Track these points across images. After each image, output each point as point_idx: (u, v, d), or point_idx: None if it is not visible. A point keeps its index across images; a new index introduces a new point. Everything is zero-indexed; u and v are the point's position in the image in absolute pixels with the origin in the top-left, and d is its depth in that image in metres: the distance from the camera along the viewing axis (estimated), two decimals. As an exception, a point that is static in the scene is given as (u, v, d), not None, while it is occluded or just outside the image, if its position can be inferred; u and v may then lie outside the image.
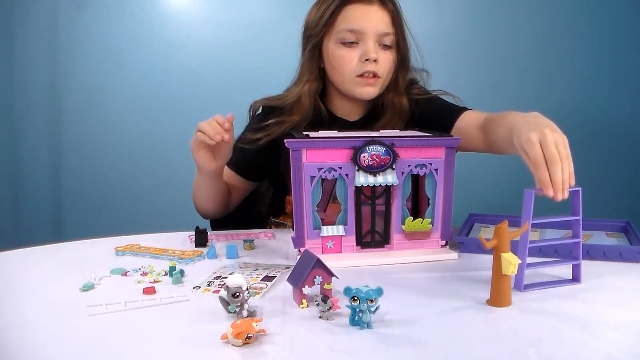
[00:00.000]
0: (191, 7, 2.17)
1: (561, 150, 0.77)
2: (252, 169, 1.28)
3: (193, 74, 2.17)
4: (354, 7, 1.14)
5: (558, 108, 2.06)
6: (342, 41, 1.15)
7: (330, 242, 0.98)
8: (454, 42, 2.08)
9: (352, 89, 1.17)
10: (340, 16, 1.15)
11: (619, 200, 2.04)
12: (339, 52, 1.15)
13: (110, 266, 0.93)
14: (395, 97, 1.20)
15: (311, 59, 1.21)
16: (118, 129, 2.22)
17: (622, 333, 0.67)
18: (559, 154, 0.77)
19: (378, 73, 1.15)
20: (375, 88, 1.17)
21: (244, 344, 0.64)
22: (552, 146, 0.77)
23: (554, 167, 0.76)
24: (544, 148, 0.78)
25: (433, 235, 1.01)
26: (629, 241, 1.04)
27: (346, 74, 1.16)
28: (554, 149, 0.77)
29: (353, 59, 1.14)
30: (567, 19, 2.04)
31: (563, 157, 0.77)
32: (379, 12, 1.14)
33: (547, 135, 0.78)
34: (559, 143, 0.78)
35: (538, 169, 0.77)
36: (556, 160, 0.76)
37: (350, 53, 1.14)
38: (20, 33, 2.17)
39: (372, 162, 0.94)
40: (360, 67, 1.14)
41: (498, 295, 0.76)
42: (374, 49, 1.13)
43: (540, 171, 0.77)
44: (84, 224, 2.24)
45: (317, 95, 1.22)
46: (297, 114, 1.20)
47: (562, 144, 0.78)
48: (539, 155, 0.78)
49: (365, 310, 0.68)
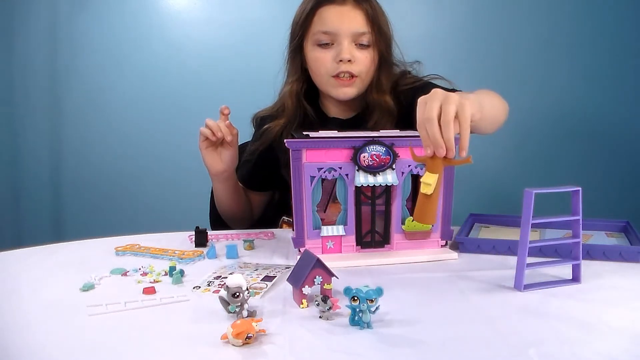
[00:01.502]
0: (191, 7, 2.17)
1: (446, 111, 0.75)
2: (255, 179, 1.32)
3: (193, 74, 2.17)
4: (327, 9, 1.15)
5: (558, 108, 2.07)
6: (318, 43, 1.16)
7: (330, 242, 0.98)
8: (454, 42, 2.08)
9: (329, 89, 1.18)
10: (315, 18, 1.16)
11: (619, 200, 2.04)
12: (315, 53, 1.17)
13: (110, 266, 0.93)
14: (379, 97, 1.20)
15: (293, 61, 1.23)
16: (118, 128, 2.22)
17: (622, 333, 0.67)
18: (443, 118, 0.74)
19: (354, 73, 1.15)
20: (353, 88, 1.17)
21: (244, 344, 0.64)
22: (434, 105, 0.75)
23: (430, 125, 0.75)
24: (426, 108, 0.76)
25: (433, 235, 1.01)
26: (629, 241, 1.04)
27: (322, 75, 1.17)
28: (434, 108, 0.75)
29: (328, 60, 1.15)
30: (567, 19, 2.04)
31: (443, 122, 0.74)
32: (352, 12, 1.14)
33: (434, 94, 0.76)
34: (447, 103, 0.75)
35: (418, 129, 0.77)
36: (431, 119, 0.75)
37: (325, 54, 1.15)
38: (20, 33, 2.17)
39: (372, 162, 0.94)
40: (335, 68, 1.14)
41: (419, 212, 0.80)
42: (348, 49, 1.13)
43: (419, 130, 0.77)
44: (84, 224, 2.24)
45: (302, 95, 1.23)
46: (283, 117, 1.22)
47: (449, 106, 0.75)
48: (419, 117, 0.77)
49: (365, 310, 0.68)
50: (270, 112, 1.28)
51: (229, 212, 1.30)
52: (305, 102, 1.23)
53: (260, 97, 1.31)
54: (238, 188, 1.28)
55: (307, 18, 1.16)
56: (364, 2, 1.15)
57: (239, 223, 1.32)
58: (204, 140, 1.14)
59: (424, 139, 0.77)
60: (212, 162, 1.16)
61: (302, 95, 1.23)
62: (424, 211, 0.80)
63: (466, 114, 0.76)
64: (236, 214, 1.30)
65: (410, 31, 2.00)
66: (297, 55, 1.21)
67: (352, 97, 1.18)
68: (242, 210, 1.31)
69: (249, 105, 1.31)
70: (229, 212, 1.30)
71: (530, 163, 2.08)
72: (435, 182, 0.77)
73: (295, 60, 1.22)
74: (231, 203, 1.27)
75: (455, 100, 0.76)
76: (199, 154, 1.16)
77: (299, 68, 1.22)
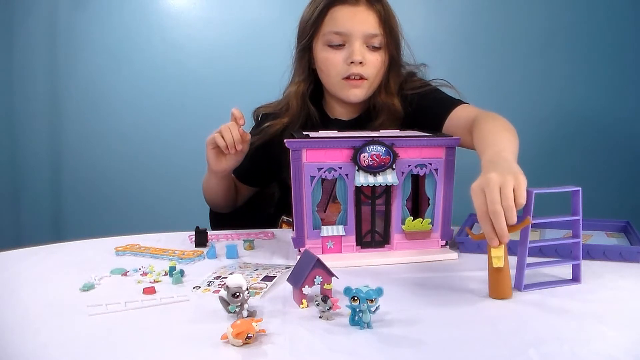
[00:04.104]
0: (191, 7, 2.17)
1: (507, 196, 0.73)
2: (249, 174, 1.31)
3: (193, 74, 2.17)
4: (340, 9, 1.13)
5: (558, 108, 2.07)
6: (329, 43, 1.14)
7: (330, 242, 0.98)
8: (454, 42, 2.08)
9: (338, 91, 1.17)
10: (327, 18, 1.14)
11: (619, 200, 2.04)
12: (325, 54, 1.15)
13: (110, 266, 0.93)
14: (387, 99, 1.19)
15: (301, 60, 1.21)
16: (118, 129, 2.22)
17: (622, 333, 0.67)
18: (504, 203, 0.73)
19: (365, 75, 1.14)
20: (363, 90, 1.16)
21: (244, 344, 0.64)
22: (495, 196, 0.73)
23: (496, 219, 0.74)
24: (487, 199, 0.74)
25: (433, 235, 1.01)
26: (629, 241, 1.04)
27: (332, 76, 1.16)
28: (496, 200, 0.73)
29: (339, 62, 1.14)
30: (567, 19, 2.04)
31: (506, 207, 0.73)
32: (365, 13, 1.12)
33: (490, 182, 0.74)
34: (505, 187, 0.73)
35: (481, 222, 0.76)
36: (497, 212, 0.73)
37: (336, 55, 1.14)
38: (20, 33, 2.17)
39: (372, 162, 0.94)
40: (346, 70, 1.13)
41: (494, 287, 0.79)
42: (359, 51, 1.12)
43: (482, 224, 0.76)
44: (84, 224, 2.24)
45: (307, 96, 1.22)
46: (286, 116, 1.21)
47: (507, 189, 0.73)
48: (480, 209, 0.75)
49: (365, 310, 0.68)
50: (274, 109, 1.27)
51: (214, 199, 1.29)
52: (309, 104, 1.22)
53: (260, 96, 1.31)
54: (231, 181, 1.27)
55: (319, 18, 1.14)
56: (377, 2, 1.14)
57: (221, 209, 1.32)
58: (214, 144, 1.10)
59: (488, 233, 0.75)
60: (216, 161, 1.14)
61: (308, 96, 1.22)
62: (500, 285, 0.78)
63: (522, 187, 0.74)
64: (222, 202, 1.30)
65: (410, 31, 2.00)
66: (305, 55, 1.20)
67: (361, 99, 1.17)
68: (229, 200, 1.30)
69: (249, 105, 1.31)
70: (215, 199, 1.29)
71: (530, 163, 2.07)
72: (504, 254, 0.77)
73: (303, 60, 1.21)
74: (220, 193, 1.26)
75: (511, 181, 0.74)
76: (199, 154, 1.16)
77: (307, 68, 1.21)
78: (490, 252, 0.77)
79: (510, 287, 0.79)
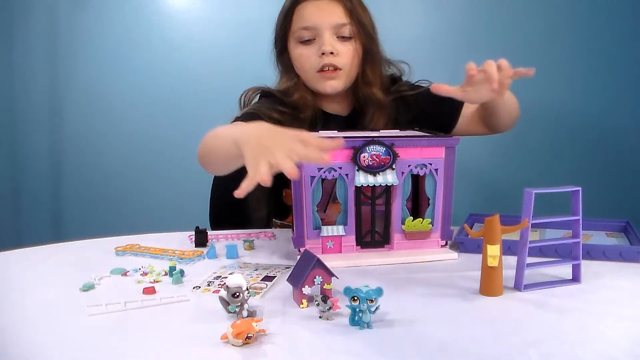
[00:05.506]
0: (191, 7, 2.17)
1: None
2: None
3: (193, 73, 2.17)
4: (305, 5, 1.16)
5: (558, 109, 2.07)
6: (300, 40, 1.16)
7: (330, 242, 0.98)
8: (454, 41, 2.08)
9: (316, 84, 1.18)
10: (295, 16, 1.17)
11: (619, 200, 2.04)
12: (298, 50, 1.17)
13: (110, 266, 0.93)
14: (366, 90, 1.19)
15: (283, 64, 1.22)
16: (118, 128, 2.22)
17: (622, 333, 0.67)
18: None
19: (339, 65, 1.15)
20: (339, 81, 1.17)
21: (244, 344, 0.64)
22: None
23: (487, 64, 0.91)
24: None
25: (433, 235, 1.01)
26: (629, 241, 1.04)
27: (307, 70, 1.17)
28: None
29: (311, 55, 1.15)
30: (567, 19, 2.04)
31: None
32: (331, 5, 1.15)
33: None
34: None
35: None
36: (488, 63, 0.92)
37: (308, 50, 1.16)
38: (21, 33, 2.17)
39: (372, 162, 0.94)
40: (319, 62, 1.15)
41: (485, 285, 0.80)
42: (329, 41, 1.13)
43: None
44: (84, 224, 2.24)
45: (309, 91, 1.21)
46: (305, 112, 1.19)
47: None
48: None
49: (365, 310, 0.68)
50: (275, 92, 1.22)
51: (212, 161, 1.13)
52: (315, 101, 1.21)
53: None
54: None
55: (287, 17, 1.18)
56: None
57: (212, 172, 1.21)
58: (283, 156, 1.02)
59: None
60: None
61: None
62: (492, 283, 0.80)
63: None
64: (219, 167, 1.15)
65: (410, 31, 2.00)
66: (284, 57, 1.22)
67: (338, 90, 1.18)
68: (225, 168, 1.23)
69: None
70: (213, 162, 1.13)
71: (530, 163, 2.08)
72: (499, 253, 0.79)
73: (284, 63, 1.22)
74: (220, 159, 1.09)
75: None
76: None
77: (291, 69, 1.21)
78: (486, 251, 0.79)
79: (501, 285, 0.80)
